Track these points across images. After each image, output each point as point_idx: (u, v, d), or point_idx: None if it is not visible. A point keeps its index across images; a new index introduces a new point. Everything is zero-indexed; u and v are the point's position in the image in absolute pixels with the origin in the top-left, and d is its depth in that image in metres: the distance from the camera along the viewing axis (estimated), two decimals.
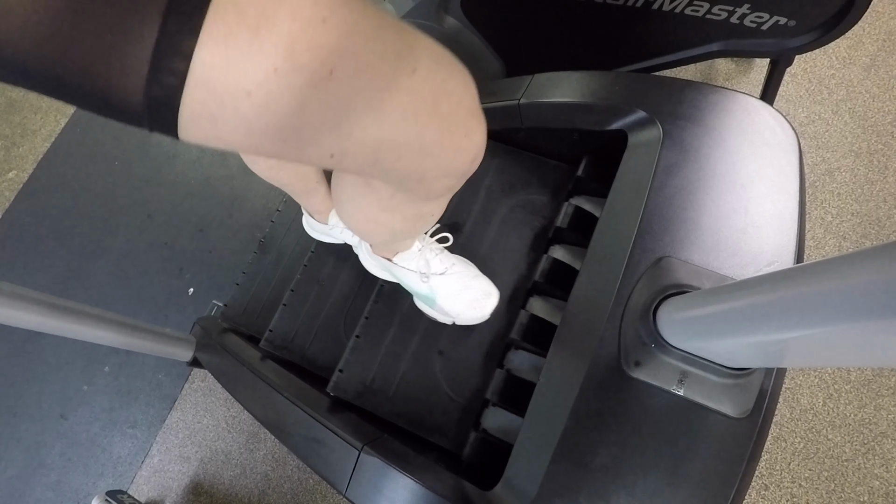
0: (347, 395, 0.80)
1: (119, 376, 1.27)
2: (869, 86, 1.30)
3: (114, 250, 1.39)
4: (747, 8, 0.90)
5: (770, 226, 0.60)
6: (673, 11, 0.94)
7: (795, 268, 0.38)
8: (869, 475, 1.03)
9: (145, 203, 1.41)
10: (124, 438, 1.22)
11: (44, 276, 1.38)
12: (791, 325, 0.36)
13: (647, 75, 0.77)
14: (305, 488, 1.13)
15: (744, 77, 1.35)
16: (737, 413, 0.52)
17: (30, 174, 1.49)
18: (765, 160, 0.64)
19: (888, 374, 1.09)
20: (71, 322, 0.72)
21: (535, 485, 0.53)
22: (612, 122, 0.73)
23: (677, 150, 0.66)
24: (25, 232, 1.43)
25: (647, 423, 0.53)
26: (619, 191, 0.69)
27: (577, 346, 0.59)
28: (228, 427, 1.20)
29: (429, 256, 0.72)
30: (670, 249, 0.60)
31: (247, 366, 0.84)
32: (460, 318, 0.75)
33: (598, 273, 0.64)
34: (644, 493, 0.51)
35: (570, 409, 0.55)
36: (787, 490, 1.03)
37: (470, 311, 0.73)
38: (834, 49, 1.34)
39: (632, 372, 0.55)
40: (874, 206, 1.21)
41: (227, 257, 1.34)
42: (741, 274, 0.58)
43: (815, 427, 1.07)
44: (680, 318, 0.53)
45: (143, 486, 1.18)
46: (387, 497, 0.58)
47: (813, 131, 1.28)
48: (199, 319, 1.11)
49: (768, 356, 0.45)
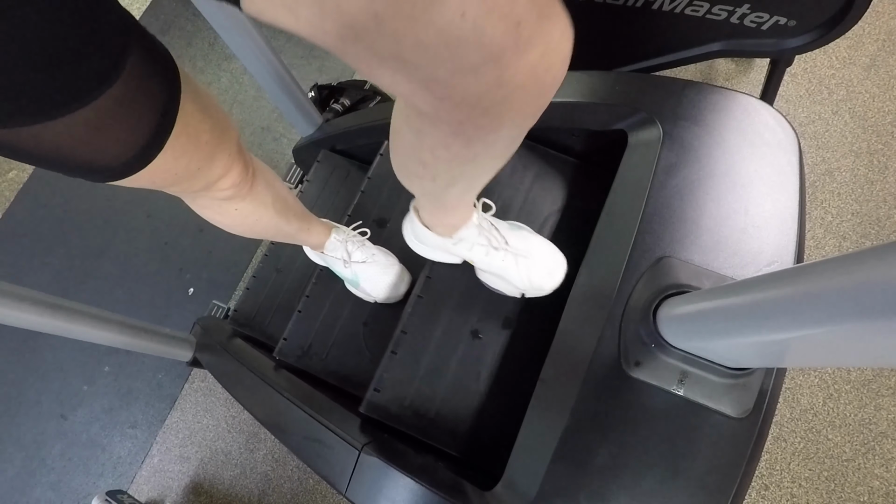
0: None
1: (119, 376, 1.27)
2: (869, 86, 1.30)
3: (114, 250, 1.39)
4: (747, 8, 0.90)
5: (770, 226, 0.60)
6: (673, 11, 0.94)
7: (795, 268, 0.38)
8: (869, 475, 1.03)
9: (145, 203, 1.41)
10: (124, 438, 1.22)
11: (44, 276, 1.38)
12: (791, 325, 0.36)
13: (647, 75, 0.76)
14: (305, 488, 1.13)
15: (744, 77, 1.35)
16: (737, 413, 0.52)
17: (30, 174, 1.49)
18: (765, 160, 0.64)
19: (888, 374, 1.09)
20: (71, 322, 0.72)
21: (535, 485, 0.53)
22: (612, 122, 0.73)
23: (677, 150, 0.66)
24: (25, 232, 1.43)
25: (647, 423, 0.53)
26: (619, 191, 0.69)
27: (577, 346, 0.59)
28: (228, 427, 1.20)
29: (350, 248, 0.83)
30: (670, 249, 0.60)
31: (250, 368, 0.84)
32: (380, 298, 0.87)
33: (598, 273, 0.64)
34: (644, 493, 0.51)
35: (570, 409, 0.55)
36: (787, 490, 1.04)
37: (388, 292, 0.86)
38: (834, 49, 1.34)
39: (632, 372, 0.55)
40: (874, 206, 1.21)
41: (227, 257, 1.34)
42: (741, 274, 0.58)
43: (815, 427, 1.07)
44: (680, 318, 0.53)
45: (143, 486, 1.18)
46: (387, 497, 0.58)
47: (813, 131, 1.28)
48: (199, 319, 1.11)
49: (768, 356, 0.45)
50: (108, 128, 0.33)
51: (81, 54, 0.28)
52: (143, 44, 0.34)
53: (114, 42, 0.31)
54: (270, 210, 0.63)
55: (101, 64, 0.30)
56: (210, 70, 1.55)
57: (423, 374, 0.75)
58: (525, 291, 0.73)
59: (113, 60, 0.31)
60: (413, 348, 0.76)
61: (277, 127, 1.48)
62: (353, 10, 0.22)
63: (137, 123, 0.36)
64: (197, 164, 0.46)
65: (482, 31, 0.23)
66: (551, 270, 0.71)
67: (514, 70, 0.25)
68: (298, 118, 1.09)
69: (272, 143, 1.46)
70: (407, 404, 0.74)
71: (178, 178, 0.45)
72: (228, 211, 0.58)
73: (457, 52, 0.23)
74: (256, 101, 1.51)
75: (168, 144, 0.39)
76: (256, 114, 1.49)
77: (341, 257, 0.83)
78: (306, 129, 1.14)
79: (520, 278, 0.70)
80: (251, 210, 0.59)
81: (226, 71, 1.55)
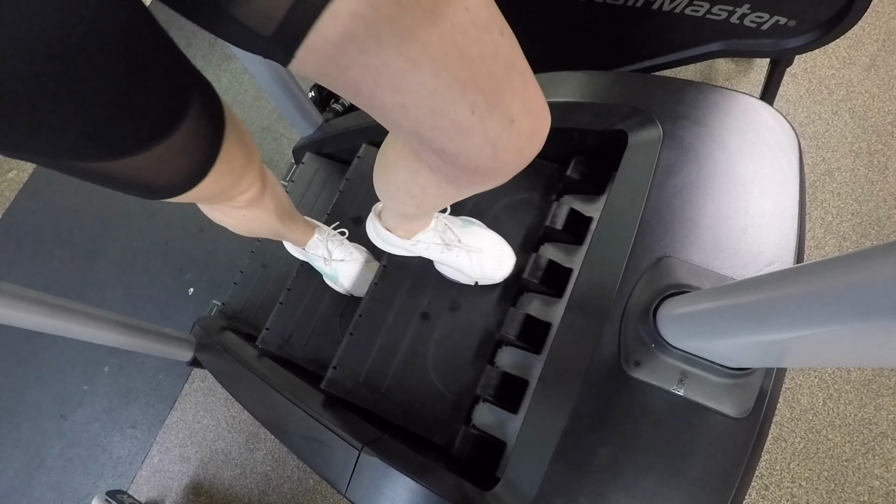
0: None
1: (119, 376, 1.27)
2: (869, 86, 1.30)
3: (114, 250, 1.39)
4: (747, 8, 0.90)
5: (770, 226, 0.60)
6: (673, 11, 0.94)
7: (795, 268, 0.38)
8: (869, 475, 1.03)
9: (145, 203, 1.41)
10: (124, 438, 1.22)
11: (44, 276, 1.38)
12: (791, 325, 0.36)
13: (647, 75, 0.77)
14: (305, 488, 1.13)
15: (744, 77, 1.35)
16: (737, 413, 0.52)
17: (30, 174, 1.49)
18: (765, 160, 0.64)
19: (888, 374, 1.09)
20: (71, 322, 0.72)
21: (535, 485, 0.53)
22: (612, 122, 0.73)
23: (677, 150, 0.66)
24: (25, 232, 1.43)
25: (646, 423, 0.53)
26: (619, 191, 0.69)
27: (577, 346, 0.59)
28: (228, 427, 1.20)
29: (331, 247, 0.90)
30: (670, 249, 0.60)
31: (245, 364, 0.85)
32: (355, 291, 0.94)
33: (598, 273, 0.64)
34: (644, 493, 0.51)
35: (570, 409, 0.55)
36: (787, 490, 1.04)
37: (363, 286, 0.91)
38: (834, 49, 1.34)
39: (632, 372, 0.55)
40: (874, 206, 1.21)
41: (226, 257, 1.34)
42: (741, 274, 0.58)
43: (815, 427, 1.07)
44: (680, 318, 0.53)
45: (143, 486, 1.18)
46: (387, 497, 0.58)
47: (813, 131, 1.28)
48: (199, 319, 1.11)
49: (768, 356, 0.45)
50: (166, 163, 0.39)
51: (150, 108, 0.34)
52: (202, 96, 0.39)
53: (180, 96, 0.36)
54: (272, 214, 0.68)
55: (167, 115, 0.36)
56: (210, 70, 1.55)
57: (376, 353, 0.82)
58: (478, 280, 0.81)
59: (176, 113, 0.36)
60: (368, 330, 0.83)
61: (277, 127, 1.48)
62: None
63: (190, 158, 0.42)
64: (230, 185, 0.52)
65: (486, 124, 0.31)
66: (500, 262, 0.79)
67: (504, 151, 0.34)
68: (298, 118, 1.09)
69: (272, 143, 1.46)
70: (361, 380, 0.81)
71: (212, 196, 0.51)
72: (237, 216, 0.63)
73: (465, 136, 0.31)
74: (256, 101, 1.51)
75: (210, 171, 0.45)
76: (256, 114, 1.49)
77: (322, 255, 0.90)
78: (306, 129, 1.14)
79: (473, 270, 0.78)
80: (256, 215, 0.64)
81: (226, 71, 1.55)
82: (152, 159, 0.37)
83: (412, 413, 0.78)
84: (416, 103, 0.29)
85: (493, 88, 0.30)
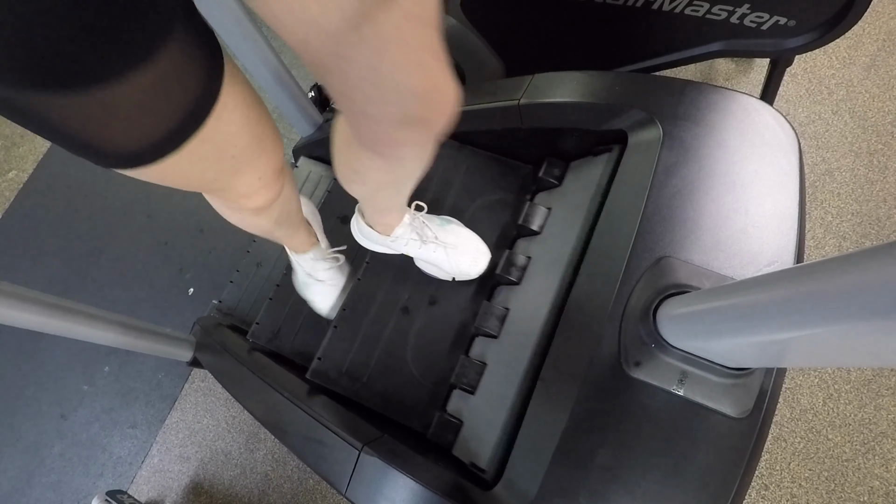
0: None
1: (119, 376, 1.27)
2: (869, 86, 1.30)
3: (114, 250, 1.39)
4: (747, 8, 0.90)
5: (770, 226, 0.60)
6: (673, 11, 0.94)
7: (795, 268, 0.38)
8: (869, 475, 1.03)
9: (145, 203, 1.41)
10: (124, 438, 1.22)
11: (44, 276, 1.38)
12: (791, 325, 0.36)
13: (647, 75, 0.77)
14: (305, 488, 1.13)
15: (744, 77, 1.35)
16: (737, 413, 0.52)
17: (30, 174, 1.49)
18: (765, 160, 0.64)
19: (888, 374, 1.09)
20: (71, 322, 0.72)
21: (535, 485, 0.53)
22: (612, 122, 0.73)
23: (677, 150, 0.66)
24: (25, 232, 1.43)
25: (647, 423, 0.53)
26: (619, 191, 0.69)
27: (577, 346, 0.59)
28: (228, 427, 1.20)
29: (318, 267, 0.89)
30: (670, 249, 0.60)
31: (241, 361, 0.86)
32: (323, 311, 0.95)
33: (598, 273, 0.64)
34: (644, 493, 0.51)
35: (570, 409, 0.55)
36: (787, 490, 1.04)
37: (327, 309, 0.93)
38: (834, 49, 1.34)
39: (632, 372, 0.55)
40: (874, 206, 1.21)
41: (227, 257, 1.34)
42: (741, 274, 0.58)
43: (815, 427, 1.07)
44: (680, 318, 0.53)
45: (143, 486, 1.18)
46: (387, 497, 0.58)
47: (813, 131, 1.28)
48: (199, 319, 1.11)
49: (768, 356, 0.45)
50: (123, 113, 0.31)
51: (117, 29, 0.26)
52: (188, 30, 0.31)
53: (154, 19, 0.28)
54: (272, 221, 0.67)
55: (133, 43, 0.27)
56: None
57: (358, 344, 0.85)
58: (455, 276, 0.84)
59: (147, 42, 0.28)
60: (351, 323, 0.87)
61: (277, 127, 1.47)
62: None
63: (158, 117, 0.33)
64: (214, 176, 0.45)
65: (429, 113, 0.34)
66: (475, 259, 0.82)
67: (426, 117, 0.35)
68: (298, 118, 1.09)
69: None
70: (344, 371, 0.84)
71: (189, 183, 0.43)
72: (236, 215, 0.62)
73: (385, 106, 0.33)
74: None
75: (186, 147, 0.37)
76: None
77: (309, 272, 0.91)
78: (306, 129, 1.14)
79: (450, 266, 0.81)
80: (258, 220, 0.64)
81: None
82: (103, 104, 0.29)
83: (391, 401, 0.81)
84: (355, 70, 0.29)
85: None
